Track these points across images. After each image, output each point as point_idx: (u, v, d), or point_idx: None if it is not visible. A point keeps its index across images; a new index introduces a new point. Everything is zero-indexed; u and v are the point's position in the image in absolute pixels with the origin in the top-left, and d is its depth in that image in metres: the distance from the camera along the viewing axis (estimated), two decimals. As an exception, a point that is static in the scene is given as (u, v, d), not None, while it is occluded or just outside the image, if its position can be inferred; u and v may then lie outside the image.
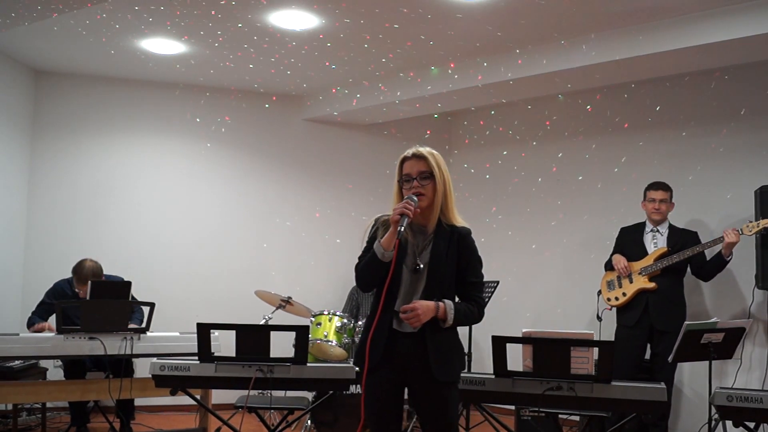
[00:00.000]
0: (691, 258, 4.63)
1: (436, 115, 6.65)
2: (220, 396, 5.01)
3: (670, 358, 4.00)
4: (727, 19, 4.29)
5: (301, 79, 5.98)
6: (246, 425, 4.85)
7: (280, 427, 3.87)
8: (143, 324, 4.61)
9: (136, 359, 4.81)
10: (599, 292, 4.97)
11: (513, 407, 4.91)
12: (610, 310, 4.90)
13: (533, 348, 3.26)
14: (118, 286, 4.88)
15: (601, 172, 5.83)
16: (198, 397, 4.13)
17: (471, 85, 5.43)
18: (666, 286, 4.67)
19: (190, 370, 3.58)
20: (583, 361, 3.25)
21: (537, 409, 3.39)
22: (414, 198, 2.60)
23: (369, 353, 2.56)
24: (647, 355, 4.82)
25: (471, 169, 6.66)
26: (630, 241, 4.91)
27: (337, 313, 5.19)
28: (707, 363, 3.99)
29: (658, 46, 4.54)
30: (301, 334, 3.60)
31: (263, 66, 5.64)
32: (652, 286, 4.67)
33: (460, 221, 2.73)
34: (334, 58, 5.39)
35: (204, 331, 3.58)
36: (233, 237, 6.32)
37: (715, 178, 5.22)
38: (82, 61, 5.69)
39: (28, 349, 4.26)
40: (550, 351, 3.25)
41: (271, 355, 3.55)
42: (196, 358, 3.60)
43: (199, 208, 6.27)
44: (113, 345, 4.32)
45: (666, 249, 4.71)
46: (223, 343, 4.10)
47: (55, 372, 5.19)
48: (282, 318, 5.10)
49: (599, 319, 4.95)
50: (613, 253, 4.97)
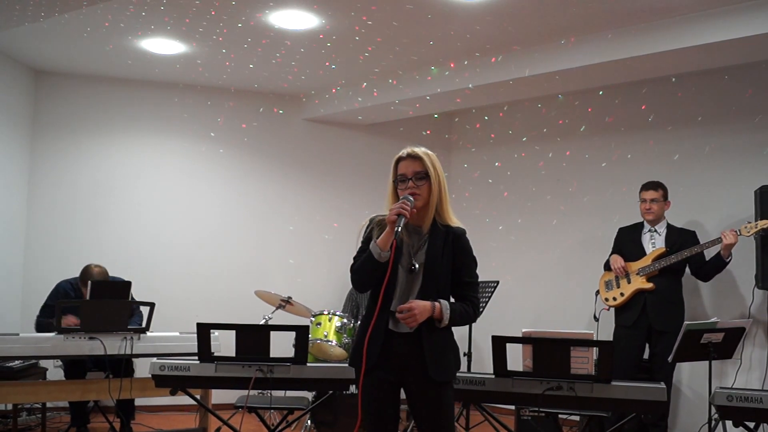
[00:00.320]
0: (690, 258, 4.63)
1: (436, 115, 6.65)
2: (220, 396, 5.01)
3: (670, 358, 4.00)
4: (727, 19, 4.29)
5: (301, 79, 5.98)
6: (246, 425, 4.85)
7: (280, 427, 3.87)
8: (143, 325, 4.61)
9: (136, 359, 4.81)
10: (597, 292, 4.97)
11: (513, 407, 4.91)
12: (608, 310, 4.91)
13: (533, 348, 3.27)
14: (118, 286, 4.88)
15: (601, 172, 5.83)
16: (198, 397, 4.14)
17: (471, 85, 5.43)
18: (664, 287, 4.67)
19: (190, 370, 3.59)
20: (583, 361, 3.26)
21: (537, 409, 3.39)
22: (410, 198, 2.60)
23: (366, 354, 2.56)
24: (646, 354, 4.82)
25: (471, 169, 6.66)
26: (628, 242, 4.91)
27: (337, 313, 5.19)
28: (707, 363, 3.99)
29: (658, 46, 4.54)
30: (301, 334, 3.60)
31: (263, 66, 5.64)
32: (649, 286, 4.67)
33: (455, 221, 2.73)
34: (334, 58, 5.39)
35: (204, 331, 3.58)
36: (233, 237, 6.32)
37: (714, 178, 5.22)
38: (82, 61, 5.69)
39: (28, 349, 4.25)
40: (550, 351, 3.25)
41: (271, 355, 3.55)
42: (196, 358, 3.61)
43: (199, 208, 6.27)
44: (113, 345, 4.32)
45: (664, 249, 4.71)
46: (223, 343, 4.10)
47: (55, 372, 5.19)
48: (282, 318, 5.10)
49: (596, 319, 4.96)
50: (611, 253, 4.96)
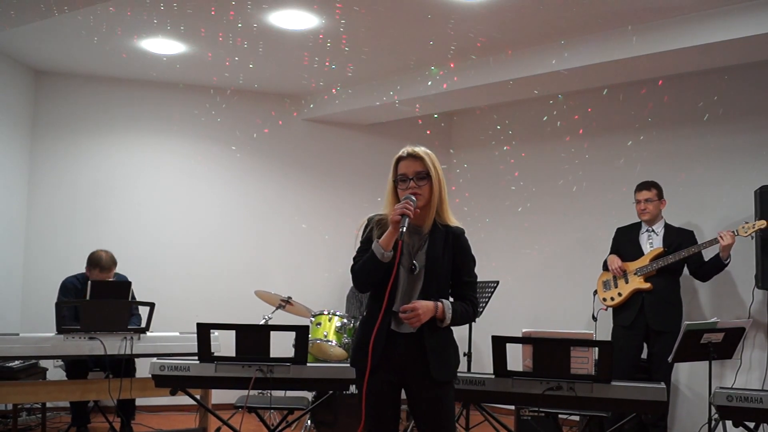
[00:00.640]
0: (688, 258, 4.63)
1: (436, 115, 6.65)
2: (220, 396, 5.01)
3: (670, 359, 3.99)
4: (727, 19, 4.29)
5: (301, 79, 5.98)
6: (246, 425, 4.85)
7: (280, 427, 3.88)
8: (141, 325, 4.61)
9: (136, 359, 4.81)
10: (595, 292, 4.98)
11: (513, 407, 4.91)
12: (606, 310, 4.91)
13: (533, 348, 3.27)
14: (118, 286, 4.89)
15: (601, 172, 5.83)
16: (198, 397, 4.14)
17: (471, 85, 5.43)
18: (662, 287, 4.67)
19: (190, 370, 3.59)
20: (583, 361, 3.26)
21: (537, 409, 3.40)
22: (413, 198, 2.60)
23: (367, 354, 2.57)
24: (644, 354, 4.82)
25: (471, 169, 6.66)
26: (626, 242, 4.91)
27: (337, 313, 5.19)
28: (707, 363, 3.99)
29: (658, 46, 4.54)
30: (301, 334, 3.60)
31: (263, 66, 5.64)
32: (647, 286, 4.67)
33: (454, 221, 2.74)
34: (334, 58, 5.39)
35: (204, 331, 3.58)
36: (233, 237, 6.32)
37: (714, 178, 5.22)
38: (82, 61, 5.69)
39: (28, 349, 4.25)
40: (550, 351, 3.25)
41: (271, 355, 3.55)
42: (196, 358, 3.61)
43: (199, 208, 6.27)
44: (113, 345, 4.32)
45: (662, 249, 4.71)
46: (223, 343, 4.10)
47: (55, 372, 5.19)
48: (282, 318, 5.11)
49: (594, 319, 4.96)
50: (610, 253, 4.97)
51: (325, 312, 5.19)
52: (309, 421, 4.95)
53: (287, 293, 5.17)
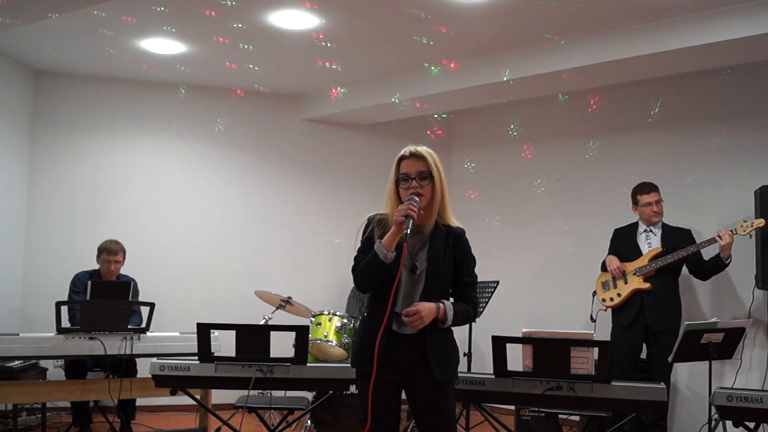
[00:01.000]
0: (687, 258, 4.63)
1: (435, 115, 6.65)
2: (220, 396, 5.01)
3: (670, 359, 4.00)
4: (727, 19, 4.29)
5: (301, 79, 5.98)
6: (246, 425, 4.85)
7: (280, 427, 3.88)
8: (143, 324, 4.60)
9: (137, 359, 4.81)
10: (594, 293, 4.97)
11: (513, 407, 4.91)
12: (605, 310, 4.90)
13: (533, 348, 3.27)
14: (118, 286, 4.88)
15: (600, 172, 5.83)
16: (198, 397, 4.14)
17: (471, 85, 5.43)
18: (661, 286, 4.67)
19: (190, 370, 3.59)
20: (583, 361, 3.26)
21: (537, 409, 3.40)
22: (416, 199, 2.59)
23: (369, 356, 2.56)
24: (643, 354, 4.82)
25: (471, 169, 6.66)
26: (624, 242, 4.91)
27: (337, 313, 5.19)
28: (707, 363, 3.99)
29: (658, 46, 4.54)
30: (301, 334, 3.60)
31: (263, 66, 5.64)
32: (646, 286, 4.67)
33: (455, 222, 2.74)
34: (334, 58, 5.39)
35: (204, 331, 3.59)
36: (233, 237, 6.32)
37: (714, 178, 5.22)
38: (82, 61, 5.69)
39: (28, 349, 4.25)
40: (550, 351, 3.25)
41: (271, 355, 3.55)
42: (196, 358, 3.61)
43: (199, 208, 6.26)
44: (113, 345, 4.32)
45: (660, 249, 4.71)
46: (223, 343, 4.10)
47: (55, 372, 5.19)
48: (282, 318, 5.10)
49: (593, 320, 4.96)
50: (608, 254, 4.96)
51: (325, 312, 5.19)
52: (309, 421, 4.94)
53: (287, 293, 5.17)
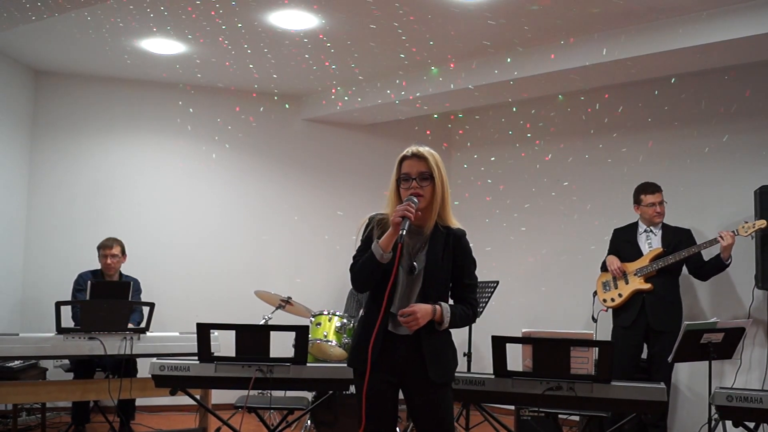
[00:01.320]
0: (688, 258, 4.63)
1: (436, 115, 6.65)
2: (219, 396, 5.01)
3: (670, 359, 4.00)
4: (727, 19, 4.29)
5: (301, 79, 5.98)
6: (246, 425, 4.85)
7: (280, 427, 3.87)
8: (143, 324, 4.60)
9: (137, 359, 4.81)
10: (595, 293, 4.97)
11: (513, 407, 4.91)
12: (606, 311, 4.90)
13: (533, 348, 3.27)
14: (118, 286, 4.88)
15: (601, 172, 5.83)
16: (198, 397, 4.13)
17: (471, 85, 5.43)
18: (662, 287, 4.67)
19: (190, 370, 3.58)
20: (583, 361, 3.26)
21: (537, 409, 3.40)
22: (415, 200, 2.59)
23: (365, 355, 2.56)
24: (644, 355, 4.82)
25: (471, 169, 6.66)
26: (624, 242, 4.91)
27: (337, 313, 5.19)
28: (707, 363, 3.99)
29: (658, 46, 4.54)
30: (301, 334, 3.60)
31: (263, 66, 5.64)
32: (648, 287, 4.67)
33: (455, 223, 2.73)
34: (334, 58, 5.39)
35: (204, 331, 3.58)
36: (233, 237, 6.32)
37: (714, 178, 5.21)
38: (82, 61, 5.69)
39: (28, 349, 4.25)
40: (549, 351, 3.25)
41: (271, 355, 3.55)
42: (196, 358, 3.61)
43: (199, 208, 6.26)
44: (113, 345, 4.32)
45: (661, 249, 4.71)
46: (223, 343, 4.10)
47: (55, 372, 5.19)
48: (282, 318, 5.10)
49: (594, 320, 4.95)
50: (608, 254, 4.96)
51: (325, 312, 5.19)
52: (309, 421, 4.94)
53: (287, 293, 5.17)
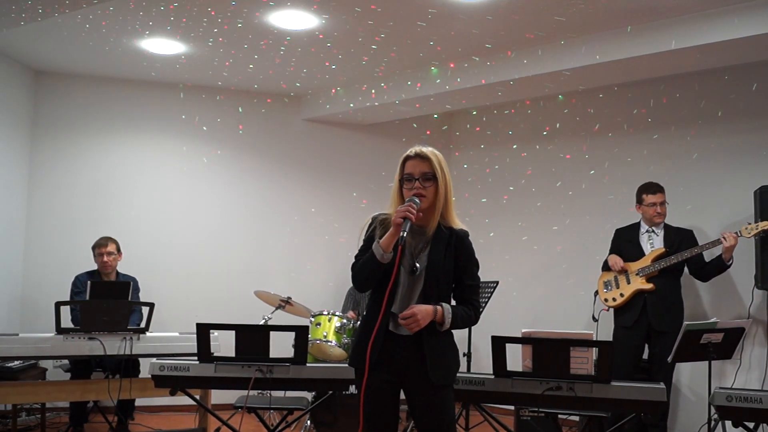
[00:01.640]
0: (689, 259, 4.63)
1: (436, 115, 6.65)
2: (219, 396, 5.01)
3: (670, 359, 3.99)
4: (727, 19, 4.28)
5: (301, 79, 5.98)
6: (245, 425, 4.84)
7: (280, 428, 3.88)
8: (142, 324, 4.60)
9: (140, 359, 4.81)
10: (596, 293, 4.97)
11: (513, 407, 4.91)
12: (608, 311, 4.90)
13: (533, 348, 3.27)
14: (118, 286, 4.88)
15: (601, 173, 5.83)
16: (197, 397, 4.13)
17: (471, 85, 5.43)
18: (663, 287, 4.67)
19: (190, 370, 3.59)
20: (583, 362, 3.26)
21: (536, 409, 3.40)
22: (416, 200, 2.58)
23: (365, 355, 2.55)
24: (645, 355, 4.82)
25: (471, 169, 6.66)
26: (626, 242, 4.91)
27: (337, 313, 5.19)
28: (707, 363, 3.99)
29: (658, 46, 4.54)
30: (301, 334, 3.60)
31: (263, 66, 5.64)
32: (650, 287, 4.67)
33: (458, 223, 2.72)
34: (334, 58, 5.39)
35: (204, 331, 3.59)
36: (233, 237, 6.31)
37: (714, 178, 5.21)
38: (82, 61, 5.69)
39: (28, 349, 4.25)
40: (549, 351, 3.25)
41: (271, 355, 3.55)
42: (196, 358, 3.61)
43: (199, 208, 6.26)
44: (113, 345, 4.32)
45: (663, 250, 4.71)
46: (223, 343, 4.10)
47: (55, 372, 5.19)
48: (281, 318, 5.10)
49: (595, 320, 4.95)
50: (609, 253, 4.96)
51: (325, 312, 5.19)
52: (309, 422, 4.95)
53: (287, 293, 5.17)
